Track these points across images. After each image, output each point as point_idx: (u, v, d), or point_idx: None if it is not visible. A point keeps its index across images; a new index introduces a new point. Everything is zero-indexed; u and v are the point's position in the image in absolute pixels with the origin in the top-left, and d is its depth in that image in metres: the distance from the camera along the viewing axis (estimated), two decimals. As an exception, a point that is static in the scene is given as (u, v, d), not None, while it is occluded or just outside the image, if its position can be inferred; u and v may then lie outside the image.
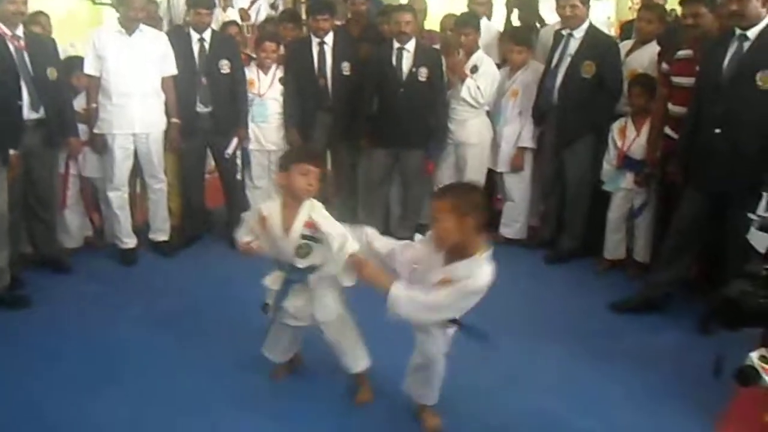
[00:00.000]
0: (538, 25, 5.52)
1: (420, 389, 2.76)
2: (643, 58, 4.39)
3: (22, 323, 3.63)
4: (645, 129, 4.14)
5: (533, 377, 3.18)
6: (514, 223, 4.88)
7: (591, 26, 4.41)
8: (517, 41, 4.67)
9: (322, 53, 4.75)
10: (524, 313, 3.82)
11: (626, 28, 5.18)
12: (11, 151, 3.75)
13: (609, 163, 4.33)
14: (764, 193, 2.84)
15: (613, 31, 6.56)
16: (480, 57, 4.66)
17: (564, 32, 4.43)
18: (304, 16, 5.59)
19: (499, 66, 4.81)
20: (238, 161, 4.74)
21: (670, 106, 3.91)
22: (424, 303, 2.33)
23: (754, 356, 1.93)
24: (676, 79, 3.86)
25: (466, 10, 5.09)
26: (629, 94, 4.24)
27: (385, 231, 3.79)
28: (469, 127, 4.70)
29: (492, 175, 4.86)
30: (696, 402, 2.93)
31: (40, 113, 3.91)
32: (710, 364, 2.04)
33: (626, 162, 4.23)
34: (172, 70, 4.44)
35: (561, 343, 3.47)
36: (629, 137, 4.22)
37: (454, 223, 2.28)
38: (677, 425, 2.83)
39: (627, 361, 3.32)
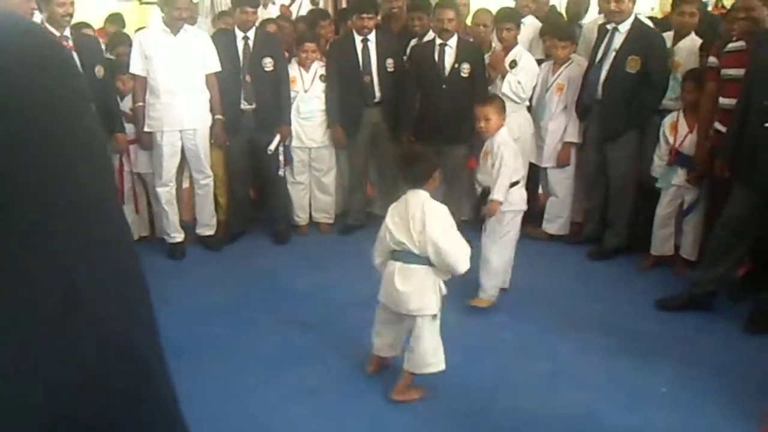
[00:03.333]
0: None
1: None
2: (684, 50, 4.31)
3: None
4: (698, 126, 4.06)
5: (577, 374, 3.18)
6: (557, 218, 4.85)
7: (636, 20, 4.34)
8: (561, 36, 4.63)
9: (366, 50, 4.78)
10: (567, 310, 3.81)
11: (659, 23, 5.06)
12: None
13: (660, 159, 4.25)
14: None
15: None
16: (519, 52, 4.65)
17: (609, 26, 4.37)
18: (331, 13, 5.66)
19: (541, 61, 4.78)
20: (281, 158, 4.81)
21: (720, 99, 3.83)
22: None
23: None
24: (727, 72, 3.77)
25: (503, 5, 5.06)
26: (682, 89, 4.15)
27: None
28: (511, 123, 4.65)
29: (534, 170, 4.83)
30: (740, 402, 2.89)
31: None
32: (758, 363, 2.01)
33: (678, 158, 4.15)
34: (216, 67, 4.53)
35: (604, 341, 3.45)
36: (681, 133, 4.14)
37: (498, 118, 3.63)
38: (720, 425, 2.79)
39: (671, 359, 3.28)
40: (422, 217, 2.77)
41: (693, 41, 4.31)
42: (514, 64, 4.59)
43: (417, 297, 2.83)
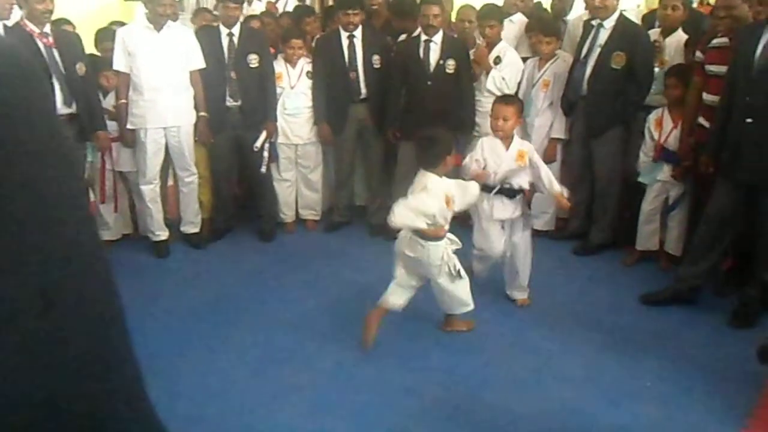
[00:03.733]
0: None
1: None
2: (670, 46, 4.33)
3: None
4: (682, 120, 4.08)
5: (562, 370, 3.18)
6: (543, 214, 4.85)
7: (621, 16, 4.35)
8: (546, 32, 4.63)
9: (352, 47, 4.76)
10: (552, 305, 3.82)
11: (648, 18, 5.09)
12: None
13: (645, 155, 4.27)
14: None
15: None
16: (503, 48, 4.65)
17: (594, 22, 4.38)
18: (317, 10, 5.63)
19: (527, 58, 4.78)
20: (265, 154, 4.78)
21: (704, 95, 3.85)
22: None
23: None
24: (710, 68, 3.80)
25: (486, 2, 5.04)
26: (665, 86, 4.17)
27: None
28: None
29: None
30: (726, 396, 2.91)
31: (73, 108, 4.02)
32: (743, 357, 2.03)
33: (663, 154, 4.17)
34: (200, 63, 4.50)
35: (589, 336, 3.47)
36: (666, 129, 4.16)
37: (515, 120, 3.62)
38: (707, 419, 2.81)
39: (656, 354, 3.30)
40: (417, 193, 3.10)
41: (680, 37, 4.32)
42: (498, 60, 4.60)
43: (418, 262, 3.22)
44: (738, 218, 3.49)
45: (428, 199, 3.07)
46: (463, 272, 3.29)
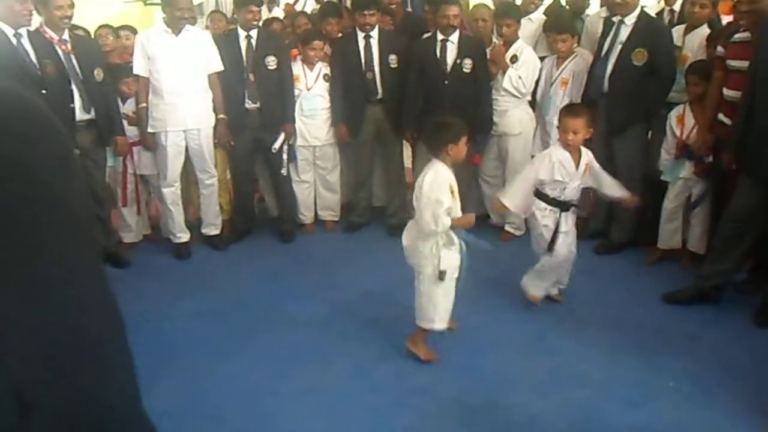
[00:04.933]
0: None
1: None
2: (694, 43, 4.27)
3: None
4: (702, 115, 4.02)
5: (582, 369, 3.15)
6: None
7: (642, 12, 4.28)
8: (559, 30, 4.58)
9: (368, 47, 4.76)
10: (573, 305, 3.78)
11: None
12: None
13: (667, 152, 4.22)
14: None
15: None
16: (520, 47, 4.61)
17: (614, 19, 4.33)
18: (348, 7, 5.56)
19: (545, 57, 4.75)
20: (284, 156, 4.81)
21: (725, 90, 3.78)
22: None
23: None
24: (731, 63, 3.73)
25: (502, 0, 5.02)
26: (687, 82, 4.10)
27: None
28: (512, 117, 4.67)
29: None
30: (749, 396, 2.86)
31: (91, 114, 4.08)
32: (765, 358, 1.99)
33: (685, 151, 4.11)
34: (218, 66, 4.53)
35: (610, 336, 3.43)
36: (688, 126, 4.10)
37: (585, 132, 3.47)
38: (729, 420, 2.76)
39: (678, 354, 3.26)
40: (420, 182, 3.02)
41: (703, 33, 4.24)
42: (515, 58, 4.56)
43: (411, 251, 3.13)
44: (761, 215, 3.42)
45: (438, 190, 2.98)
46: (448, 280, 3.07)
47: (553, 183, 3.52)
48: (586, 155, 3.59)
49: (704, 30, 4.24)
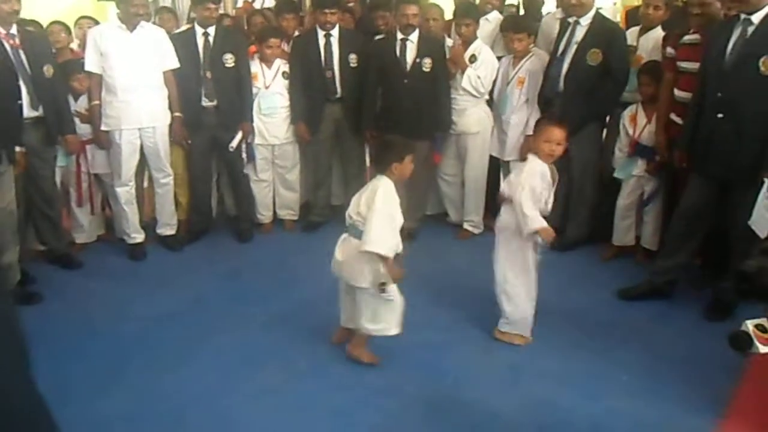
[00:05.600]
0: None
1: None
2: (648, 44, 4.36)
3: (33, 319, 3.66)
4: (656, 116, 4.12)
5: (538, 365, 3.20)
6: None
7: (597, 14, 4.37)
8: (516, 29, 4.64)
9: (328, 45, 4.74)
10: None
11: (632, 15, 5.14)
12: (17, 149, 3.78)
13: (621, 150, 4.33)
14: (766, 180, 2.84)
15: (619, 18, 6.52)
16: (478, 46, 4.65)
17: (570, 20, 4.40)
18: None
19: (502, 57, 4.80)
20: (243, 155, 4.75)
21: (676, 91, 3.89)
22: None
23: (749, 323, 1.96)
24: (682, 64, 3.84)
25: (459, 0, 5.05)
26: (639, 83, 4.21)
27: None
28: (470, 117, 4.71)
29: (496, 163, 4.85)
30: (700, 389, 2.94)
31: (39, 111, 3.94)
32: (718, 350, 2.05)
33: (638, 149, 4.22)
34: (174, 63, 4.46)
35: (566, 331, 3.49)
36: (640, 124, 4.21)
37: (565, 144, 3.25)
38: (681, 412, 2.83)
39: (632, 348, 3.33)
40: (370, 196, 2.97)
41: (658, 35, 4.33)
42: (473, 58, 4.61)
43: (348, 267, 3.06)
44: (710, 212, 3.53)
45: (391, 204, 2.96)
46: (393, 292, 3.04)
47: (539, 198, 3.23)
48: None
49: (658, 32, 4.34)
